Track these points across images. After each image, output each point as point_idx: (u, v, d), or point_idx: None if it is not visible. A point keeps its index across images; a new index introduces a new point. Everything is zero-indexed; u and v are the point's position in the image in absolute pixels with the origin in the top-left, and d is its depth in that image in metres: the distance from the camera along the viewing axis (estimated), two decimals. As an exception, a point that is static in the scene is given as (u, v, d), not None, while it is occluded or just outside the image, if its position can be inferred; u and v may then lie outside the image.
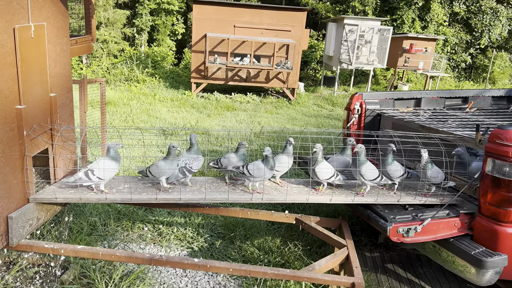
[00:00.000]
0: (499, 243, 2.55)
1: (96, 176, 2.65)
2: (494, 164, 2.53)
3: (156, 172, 2.77)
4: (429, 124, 3.47)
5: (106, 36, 14.06)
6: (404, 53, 13.16)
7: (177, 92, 11.52)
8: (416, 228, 2.64)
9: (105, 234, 3.79)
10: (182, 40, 17.14)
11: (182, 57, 15.85)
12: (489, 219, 2.59)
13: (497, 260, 2.50)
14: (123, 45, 14.72)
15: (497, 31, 16.89)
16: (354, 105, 4.04)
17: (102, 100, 5.04)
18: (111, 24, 14.47)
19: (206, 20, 10.85)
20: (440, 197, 2.90)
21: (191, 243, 3.77)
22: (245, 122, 8.67)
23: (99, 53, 13.88)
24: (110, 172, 2.70)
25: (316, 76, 15.72)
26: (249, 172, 2.81)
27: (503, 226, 2.53)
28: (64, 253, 2.53)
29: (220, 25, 10.93)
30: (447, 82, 16.51)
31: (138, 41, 15.98)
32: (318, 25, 17.86)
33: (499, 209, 2.54)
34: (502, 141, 2.49)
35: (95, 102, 6.08)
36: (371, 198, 2.86)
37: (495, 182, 2.53)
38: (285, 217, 3.24)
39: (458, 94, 4.46)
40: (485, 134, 2.74)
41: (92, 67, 13.30)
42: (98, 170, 2.65)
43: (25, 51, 2.39)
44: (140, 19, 15.65)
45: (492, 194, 2.55)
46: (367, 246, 3.93)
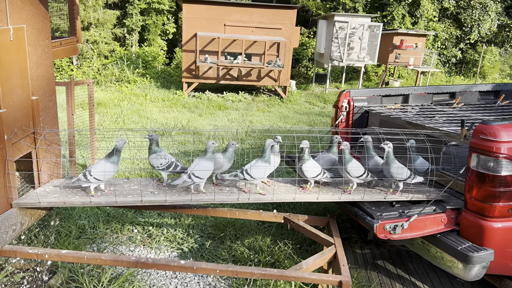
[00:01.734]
0: (485, 238, 2.55)
1: (94, 177, 2.63)
2: (478, 160, 2.53)
3: (202, 173, 2.74)
4: (416, 120, 3.47)
5: (96, 37, 13.96)
6: (394, 49, 13.19)
7: (168, 92, 11.47)
8: (403, 225, 2.64)
9: (94, 237, 3.76)
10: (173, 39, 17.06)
11: (173, 56, 15.77)
12: (475, 214, 2.60)
13: (483, 255, 2.50)
14: (114, 45, 14.62)
15: (487, 26, 16.98)
16: (342, 102, 4.03)
17: (90, 102, 5.00)
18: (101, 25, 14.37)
19: (196, 19, 10.80)
20: (427, 193, 2.90)
21: (181, 244, 3.75)
22: (237, 121, 8.65)
23: (89, 54, 13.77)
24: (108, 174, 2.68)
25: (307, 74, 15.73)
26: (252, 176, 2.79)
27: (488, 221, 2.54)
28: (48, 258, 2.50)
29: (210, 24, 10.89)
30: (438, 77, 16.59)
31: (129, 41, 15.88)
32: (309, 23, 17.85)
33: (484, 204, 2.54)
34: (486, 136, 2.49)
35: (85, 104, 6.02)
36: (358, 195, 2.85)
37: (480, 177, 2.53)
38: (273, 216, 3.23)
39: (445, 90, 4.46)
40: (470, 129, 2.74)
41: (82, 68, 13.20)
42: (96, 172, 2.63)
43: (4, 54, 2.35)
44: (130, 19, 15.55)
45: (478, 189, 2.56)
46: (358, 243, 3.93)
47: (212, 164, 2.81)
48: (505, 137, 2.45)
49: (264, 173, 2.82)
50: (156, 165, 2.92)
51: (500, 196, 2.49)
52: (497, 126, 2.50)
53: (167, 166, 2.93)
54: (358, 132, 3.24)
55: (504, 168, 2.45)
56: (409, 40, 13.13)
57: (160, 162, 2.91)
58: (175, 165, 2.96)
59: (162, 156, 2.93)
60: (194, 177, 2.75)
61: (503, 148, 2.43)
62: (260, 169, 2.79)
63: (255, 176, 2.80)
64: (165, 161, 2.92)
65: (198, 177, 2.75)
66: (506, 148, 2.44)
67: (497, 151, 2.44)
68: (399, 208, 2.78)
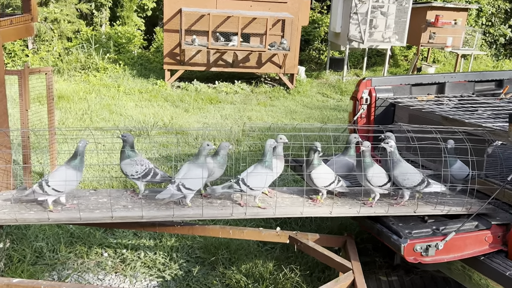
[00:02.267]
0: (540, 260, 2.56)
1: (52, 188, 2.65)
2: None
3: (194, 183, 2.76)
4: (453, 115, 3.49)
5: (57, 14, 13.99)
6: (428, 27, 13.22)
7: (147, 82, 11.51)
8: (437, 245, 2.65)
9: (53, 262, 3.78)
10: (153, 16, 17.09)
11: (153, 38, 15.80)
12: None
13: (537, 281, 2.50)
14: (79, 24, 14.65)
15: (543, -3, 16.99)
16: (362, 93, 4.05)
17: (49, 95, 5.03)
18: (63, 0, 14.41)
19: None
20: (467, 205, 2.90)
21: (163, 271, 3.77)
22: (232, 117, 8.68)
23: (48, 35, 13.80)
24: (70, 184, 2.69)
25: (320, 58, 15.75)
26: (250, 186, 2.80)
27: (544, 240, 2.54)
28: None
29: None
30: (483, 61, 16.61)
31: (98, 19, 15.91)
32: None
33: (538, 218, 2.55)
34: (540, 134, 2.50)
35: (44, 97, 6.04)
36: (381, 209, 2.87)
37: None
38: (277, 235, 3.24)
39: (490, 77, 4.49)
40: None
41: (40, 53, 13.24)
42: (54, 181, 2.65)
43: None
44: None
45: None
46: (383, 268, 3.94)
47: (205, 172, 2.81)
48: None
49: (265, 182, 2.83)
50: (130, 173, 2.93)
51: (558, 209, 2.50)
52: (553, 121, 2.51)
53: (144, 174, 2.94)
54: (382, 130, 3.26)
55: (563, 174, 2.46)
56: (446, 16, 13.15)
57: (136, 170, 2.92)
58: (154, 173, 2.97)
59: (138, 162, 2.94)
60: (184, 189, 2.75)
61: (561, 149, 2.44)
62: (260, 177, 2.80)
63: (254, 186, 2.81)
64: (141, 168, 2.93)
65: (189, 189, 2.76)
66: None
67: (553, 152, 2.45)
68: (432, 224, 2.80)
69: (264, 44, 10.76)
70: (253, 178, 2.80)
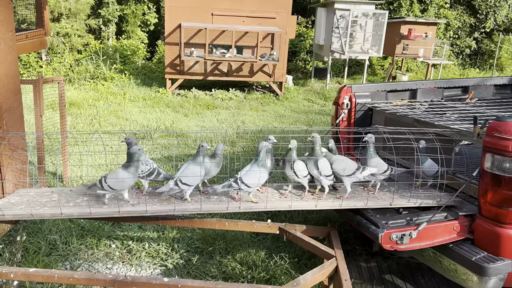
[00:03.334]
0: (502, 247, 2.58)
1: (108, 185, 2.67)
2: (493, 160, 2.56)
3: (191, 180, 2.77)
4: (424, 117, 3.50)
5: (68, 29, 13.91)
6: (402, 40, 13.28)
7: (150, 90, 11.46)
8: (411, 234, 2.66)
9: (66, 253, 3.75)
10: (155, 31, 17.04)
11: (155, 50, 15.77)
12: (490, 220, 2.63)
13: (500, 265, 2.53)
14: (88, 38, 14.59)
15: (503, 13, 17.16)
16: (343, 99, 4.06)
17: (61, 102, 5.00)
18: (73, 16, 14.32)
19: (180, 8, 10.81)
20: (437, 198, 2.92)
21: (165, 260, 3.75)
22: (227, 121, 8.67)
23: (60, 48, 13.73)
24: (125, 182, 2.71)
25: (306, 68, 15.79)
26: (247, 184, 2.80)
27: (505, 228, 2.57)
28: (14, 277, 2.49)
29: (196, 14, 10.91)
30: (451, 70, 16.73)
31: (105, 33, 15.85)
32: (307, 11, 17.94)
33: (500, 209, 2.57)
34: (501, 134, 2.52)
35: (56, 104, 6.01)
36: (360, 202, 2.88)
37: (495, 179, 2.56)
38: (268, 227, 3.24)
39: (457, 84, 4.52)
40: (483, 127, 2.77)
41: (53, 64, 13.15)
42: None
43: (-39, 49, 2.35)
44: (106, 8, 15.53)
45: (493, 193, 2.59)
46: (362, 255, 3.95)
47: (202, 170, 2.82)
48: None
49: (260, 179, 2.82)
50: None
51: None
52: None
53: (148, 173, 2.93)
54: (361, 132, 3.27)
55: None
56: (418, 29, 13.23)
57: (141, 169, 2.91)
58: (157, 172, 2.97)
59: (143, 162, 2.94)
60: (181, 184, 2.75)
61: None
62: (256, 175, 2.80)
63: (250, 183, 2.81)
64: (146, 168, 2.93)
65: (185, 184, 2.76)
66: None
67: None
68: (406, 215, 2.81)
69: (256, 55, 10.77)
70: (249, 177, 2.80)
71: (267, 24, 11.21)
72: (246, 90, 11.88)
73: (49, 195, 2.94)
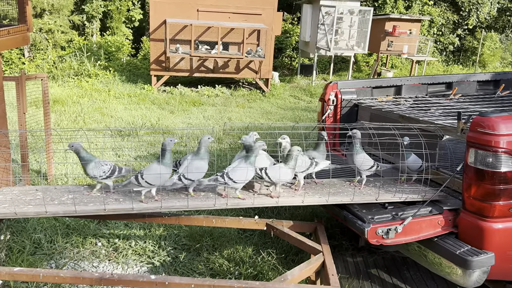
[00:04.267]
0: (485, 240, 2.62)
1: (145, 180, 2.68)
2: (476, 155, 2.60)
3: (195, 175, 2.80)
4: (409, 113, 3.54)
5: (51, 25, 13.69)
6: (387, 36, 13.39)
7: (135, 86, 11.36)
8: (397, 229, 2.69)
9: (51, 252, 3.71)
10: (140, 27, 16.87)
11: (140, 46, 15.61)
12: (474, 214, 2.67)
13: (483, 259, 2.57)
14: (72, 34, 14.38)
15: (486, 10, 17.40)
16: (329, 95, 4.08)
17: (44, 99, 4.93)
18: (56, 11, 14.10)
19: (165, 4, 10.73)
20: (422, 193, 2.96)
21: (152, 257, 3.73)
22: (214, 118, 8.64)
23: (43, 44, 13.51)
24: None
25: (292, 65, 15.81)
26: (234, 180, 2.80)
27: (488, 222, 2.61)
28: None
29: (181, 10, 10.83)
30: (435, 66, 16.92)
31: (89, 30, 15.64)
32: (293, 7, 17.95)
33: (484, 203, 2.61)
34: (484, 130, 2.56)
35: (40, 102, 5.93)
36: (347, 197, 2.89)
37: (478, 174, 2.60)
38: (255, 223, 3.24)
39: (441, 80, 4.57)
40: (467, 122, 2.81)
41: (36, 61, 12.94)
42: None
43: None
44: (90, 4, 15.31)
45: (476, 187, 2.63)
46: (349, 250, 3.98)
47: (206, 164, 2.85)
48: (504, 130, 2.52)
49: (246, 176, 2.81)
50: (99, 175, 2.84)
51: (500, 195, 2.57)
52: (495, 118, 2.57)
53: (110, 172, 2.87)
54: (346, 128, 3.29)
55: (504, 164, 2.52)
56: (402, 26, 13.34)
57: (103, 170, 2.84)
58: (118, 169, 2.91)
59: (102, 163, 2.86)
60: (184, 179, 2.80)
61: (502, 142, 2.51)
62: (242, 171, 2.79)
63: (238, 179, 2.80)
64: (107, 167, 2.86)
65: (189, 179, 2.81)
66: (506, 142, 2.51)
67: (496, 145, 2.51)
68: (392, 210, 2.84)
69: (242, 52, 10.74)
70: (236, 173, 2.80)
71: (253, 20, 11.18)
72: (232, 86, 11.85)
73: (33, 193, 2.90)
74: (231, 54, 10.89)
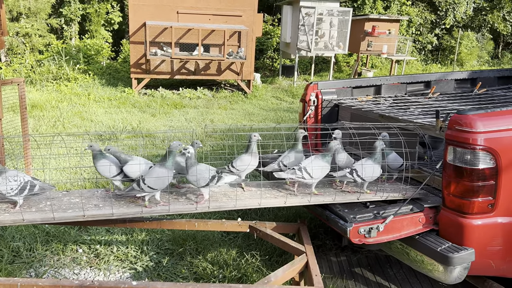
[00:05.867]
0: (465, 236, 2.65)
1: (148, 185, 2.61)
2: (455, 152, 2.63)
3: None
4: (389, 112, 3.56)
5: (28, 29, 13.46)
6: (366, 37, 13.52)
7: (115, 90, 11.24)
8: (378, 227, 2.70)
9: (30, 260, 3.63)
10: (120, 30, 16.70)
11: (120, 49, 15.45)
12: (454, 211, 2.69)
13: (463, 255, 2.59)
14: (50, 38, 14.16)
15: (462, 10, 17.72)
16: (310, 96, 4.09)
17: (21, 104, 4.83)
18: (33, 15, 13.86)
19: (144, 6, 10.64)
20: (403, 191, 2.98)
21: (134, 263, 3.68)
22: (196, 120, 8.60)
23: (20, 48, 13.27)
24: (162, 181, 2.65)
25: (273, 66, 15.85)
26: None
27: (468, 218, 2.64)
28: (-26, 288, 2.38)
29: (161, 12, 10.76)
30: (414, 66, 17.15)
31: (67, 33, 15.42)
32: (273, 9, 18.00)
33: (463, 200, 2.64)
34: (462, 127, 2.59)
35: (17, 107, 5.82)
36: (329, 197, 2.90)
37: (457, 171, 2.63)
38: (238, 225, 3.22)
39: (419, 79, 4.62)
40: (445, 120, 2.84)
41: (13, 65, 12.70)
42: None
43: None
44: (68, 7, 15.11)
45: (455, 184, 2.65)
46: (332, 250, 3.99)
47: (169, 173, 2.71)
48: (482, 128, 2.56)
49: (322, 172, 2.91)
50: (5, 192, 2.55)
51: (479, 191, 2.60)
52: (473, 115, 2.61)
53: (20, 189, 2.58)
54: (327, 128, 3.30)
55: (482, 161, 2.56)
56: (381, 26, 13.50)
57: (10, 187, 2.53)
58: (30, 185, 2.62)
59: (11, 177, 2.55)
60: (143, 185, 2.68)
61: (479, 139, 2.54)
62: None
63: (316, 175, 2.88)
64: (16, 184, 2.55)
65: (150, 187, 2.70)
66: (483, 139, 2.55)
67: (473, 142, 2.54)
68: (373, 209, 2.85)
69: (223, 53, 10.73)
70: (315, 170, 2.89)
71: (233, 22, 11.17)
72: (214, 88, 11.81)
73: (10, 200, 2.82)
74: (212, 56, 10.86)
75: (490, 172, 2.58)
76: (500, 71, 5.05)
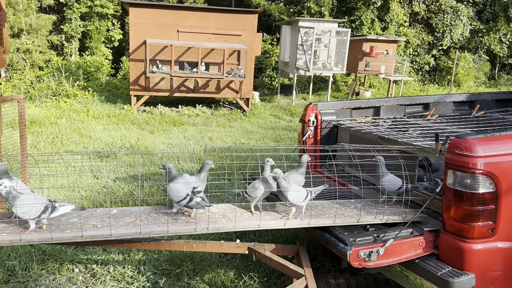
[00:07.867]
0: (466, 261, 2.63)
1: None
2: (455, 176, 2.63)
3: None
4: (388, 134, 3.57)
5: (29, 45, 13.56)
6: (364, 57, 13.65)
7: (114, 107, 11.26)
8: (378, 251, 2.68)
9: (26, 280, 3.58)
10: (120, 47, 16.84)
11: (120, 66, 15.55)
12: (454, 235, 2.68)
13: (464, 280, 2.57)
14: (50, 54, 14.26)
15: (459, 31, 17.96)
16: (309, 116, 4.10)
17: (21, 122, 4.83)
18: (34, 31, 13.98)
19: (145, 24, 10.74)
20: (402, 214, 2.97)
21: (131, 283, 3.63)
22: (195, 138, 8.60)
23: (21, 64, 13.34)
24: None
25: (272, 84, 15.95)
26: None
27: (468, 243, 2.62)
28: (-32, 310, 2.34)
29: (161, 30, 10.86)
30: (411, 86, 17.29)
31: (68, 49, 15.53)
32: (272, 28, 18.21)
33: (463, 224, 2.63)
34: (462, 151, 2.59)
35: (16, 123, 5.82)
36: (328, 219, 2.88)
37: (457, 195, 2.63)
38: (237, 247, 3.20)
39: (418, 101, 4.65)
40: (444, 144, 2.85)
41: (13, 81, 12.75)
42: None
43: None
44: (69, 24, 15.24)
45: (455, 208, 2.65)
46: (331, 272, 3.95)
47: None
48: (481, 152, 2.56)
49: None
50: (32, 216, 2.52)
51: (479, 216, 2.59)
52: (472, 140, 2.62)
53: (42, 212, 2.55)
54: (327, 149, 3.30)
55: (482, 185, 2.56)
56: (379, 47, 13.65)
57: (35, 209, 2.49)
58: (51, 208, 2.59)
59: (37, 198, 2.56)
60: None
61: (479, 164, 2.54)
62: None
63: None
64: (41, 206, 2.52)
65: None
66: (483, 163, 2.55)
67: (473, 167, 2.55)
68: (373, 232, 2.83)
69: (222, 72, 10.80)
70: None
71: (233, 41, 11.28)
72: (213, 106, 11.86)
73: (7, 219, 2.80)
74: (212, 74, 10.93)
75: (490, 196, 2.58)
76: (498, 93, 5.10)
